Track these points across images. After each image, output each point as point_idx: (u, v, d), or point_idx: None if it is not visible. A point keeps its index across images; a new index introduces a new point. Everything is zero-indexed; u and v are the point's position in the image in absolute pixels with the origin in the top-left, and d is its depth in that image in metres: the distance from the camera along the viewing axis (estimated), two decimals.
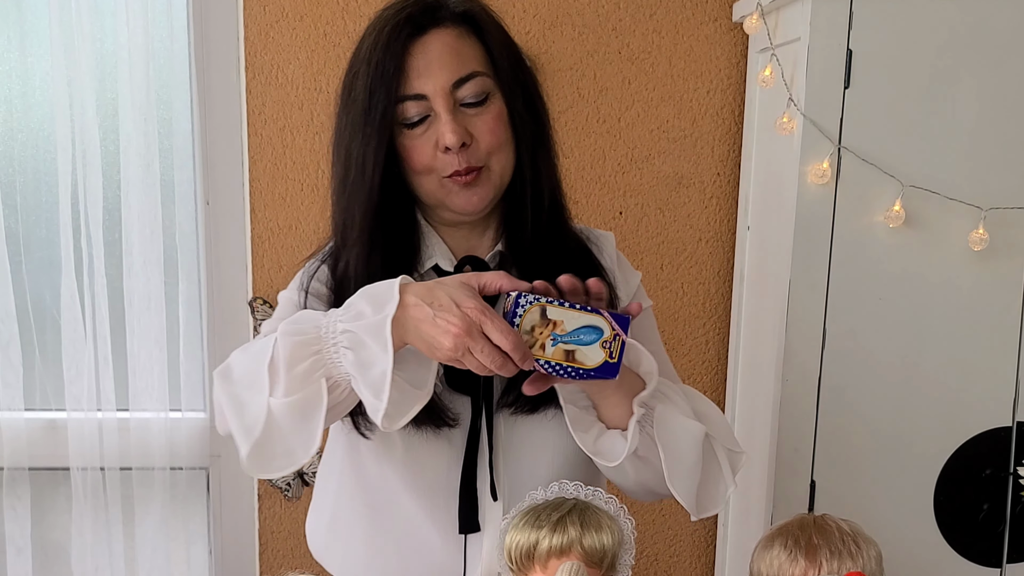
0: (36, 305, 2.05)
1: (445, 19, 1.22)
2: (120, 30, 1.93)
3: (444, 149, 1.20)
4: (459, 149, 1.19)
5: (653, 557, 2.20)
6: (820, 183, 1.65)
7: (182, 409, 2.09)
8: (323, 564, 1.40)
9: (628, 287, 1.37)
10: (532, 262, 1.26)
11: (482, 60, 1.23)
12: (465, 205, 1.23)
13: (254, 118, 2.02)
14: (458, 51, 1.21)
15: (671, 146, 2.08)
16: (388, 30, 1.20)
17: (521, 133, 1.25)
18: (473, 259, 1.29)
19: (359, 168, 1.21)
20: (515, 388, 1.24)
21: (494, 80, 1.23)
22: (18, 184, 2.02)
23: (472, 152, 1.21)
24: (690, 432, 1.21)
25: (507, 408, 1.26)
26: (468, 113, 1.21)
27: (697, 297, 2.14)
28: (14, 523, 2.08)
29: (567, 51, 2.02)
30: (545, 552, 1.16)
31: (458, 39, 1.21)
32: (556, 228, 1.30)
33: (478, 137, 1.21)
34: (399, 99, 1.19)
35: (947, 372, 1.71)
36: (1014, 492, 1.73)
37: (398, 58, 1.19)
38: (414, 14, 1.20)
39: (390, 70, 1.18)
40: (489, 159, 1.23)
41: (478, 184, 1.23)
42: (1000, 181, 1.65)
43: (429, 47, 1.20)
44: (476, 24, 1.23)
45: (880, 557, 1.26)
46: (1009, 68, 1.63)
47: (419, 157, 1.21)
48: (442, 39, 1.20)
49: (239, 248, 2.07)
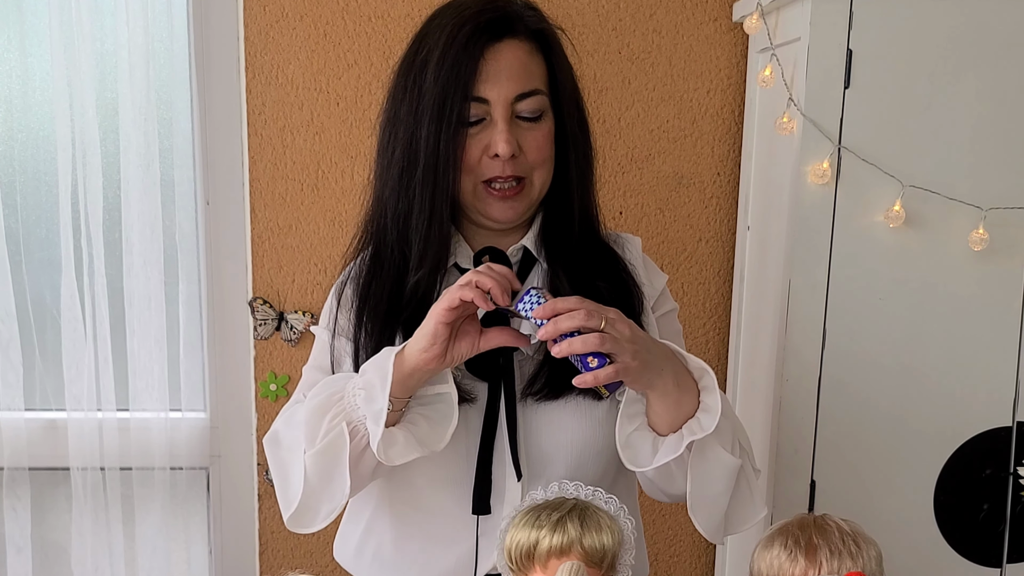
0: (36, 305, 2.05)
1: (520, 32, 1.27)
2: (120, 30, 1.93)
3: (493, 155, 1.25)
4: (508, 159, 1.25)
5: (653, 557, 2.20)
6: (820, 183, 1.65)
7: (182, 409, 2.09)
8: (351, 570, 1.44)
9: (653, 289, 1.41)
10: (570, 269, 1.32)
11: (544, 79, 1.29)
12: (500, 216, 1.29)
13: (254, 118, 2.02)
14: (526, 66, 1.27)
15: (671, 146, 2.08)
16: (468, 29, 1.24)
17: (573, 154, 1.32)
18: (492, 250, 1.33)
19: (430, 158, 1.25)
20: (540, 378, 1.28)
21: (551, 100, 1.29)
22: (18, 184, 2.02)
23: (518, 163, 1.27)
24: (725, 466, 1.25)
25: (531, 396, 1.29)
26: (522, 126, 1.27)
27: (697, 297, 2.14)
28: (14, 523, 2.08)
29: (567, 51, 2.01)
30: (545, 552, 1.16)
31: (528, 54, 1.27)
32: (589, 237, 1.36)
33: (526, 150, 1.27)
34: (467, 99, 1.24)
35: (947, 372, 1.70)
36: (1014, 492, 1.73)
37: (475, 60, 1.23)
38: (494, 20, 1.25)
39: (466, 69, 1.23)
40: (532, 173, 1.29)
41: (518, 198, 1.29)
42: (1000, 181, 1.65)
43: (501, 55, 1.25)
44: (547, 43, 1.30)
45: (880, 557, 1.26)
46: (1009, 68, 1.63)
47: (467, 156, 1.26)
48: (514, 51, 1.26)
49: (239, 248, 2.07)
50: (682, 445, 1.20)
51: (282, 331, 2.08)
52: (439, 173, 1.25)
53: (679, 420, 1.22)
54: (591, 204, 1.37)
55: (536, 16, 1.30)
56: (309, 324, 2.06)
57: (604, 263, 1.35)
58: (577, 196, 1.33)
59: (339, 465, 1.21)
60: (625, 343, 1.14)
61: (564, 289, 1.30)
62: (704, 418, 1.22)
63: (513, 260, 1.34)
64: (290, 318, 2.07)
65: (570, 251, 1.33)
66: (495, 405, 1.28)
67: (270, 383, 2.09)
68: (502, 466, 1.29)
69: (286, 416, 1.31)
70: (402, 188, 1.28)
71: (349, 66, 2.01)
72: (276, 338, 2.08)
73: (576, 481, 1.24)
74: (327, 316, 1.38)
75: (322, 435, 1.20)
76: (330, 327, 1.36)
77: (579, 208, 1.34)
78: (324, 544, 2.16)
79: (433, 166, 1.25)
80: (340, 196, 2.05)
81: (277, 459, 1.28)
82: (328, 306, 1.38)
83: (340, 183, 2.05)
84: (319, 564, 2.16)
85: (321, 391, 1.25)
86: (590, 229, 1.37)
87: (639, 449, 1.24)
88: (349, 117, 2.03)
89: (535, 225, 1.35)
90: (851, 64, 1.63)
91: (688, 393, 1.22)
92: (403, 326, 1.28)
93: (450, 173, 1.25)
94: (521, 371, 1.30)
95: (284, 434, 1.29)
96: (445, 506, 1.30)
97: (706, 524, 1.28)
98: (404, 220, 1.29)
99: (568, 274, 1.31)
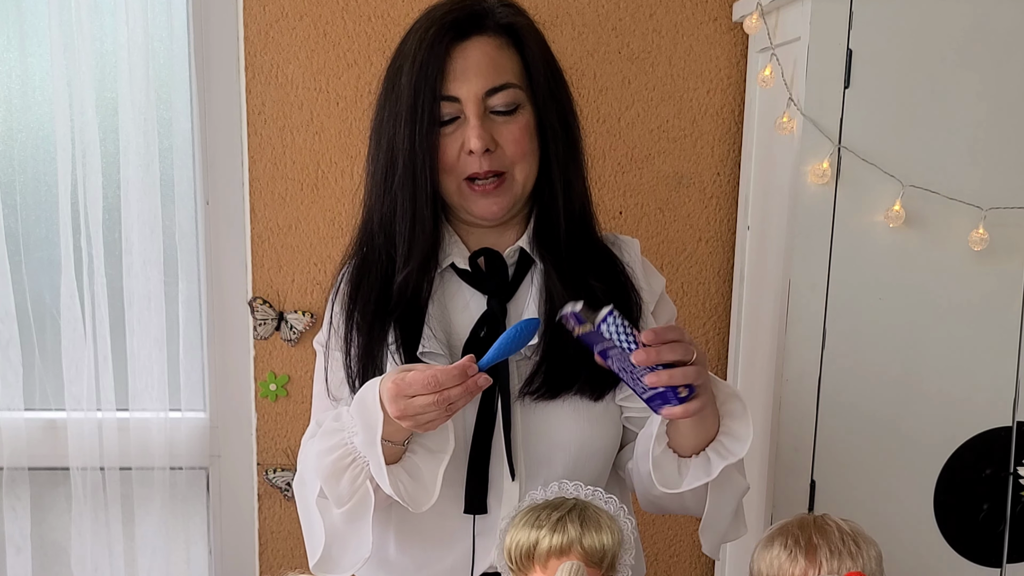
0: (36, 305, 2.05)
1: (488, 28, 1.27)
2: (120, 30, 1.93)
3: (468, 152, 1.25)
4: (483, 154, 1.25)
5: (653, 557, 2.20)
6: (820, 183, 1.65)
7: (182, 409, 2.09)
8: None
9: (652, 293, 1.41)
10: (562, 268, 1.32)
11: (518, 72, 1.28)
12: (484, 212, 1.29)
13: (254, 118, 2.02)
14: (496, 61, 1.26)
15: (671, 146, 2.08)
16: (434, 31, 1.25)
17: (553, 146, 1.31)
18: (488, 251, 1.33)
19: (407, 160, 1.26)
20: (538, 378, 1.29)
21: (527, 93, 1.29)
22: (18, 184, 2.02)
23: (496, 158, 1.27)
24: (738, 489, 1.30)
25: (529, 395, 1.30)
26: (497, 121, 1.27)
27: (697, 297, 2.13)
28: (14, 523, 2.08)
29: (567, 50, 2.02)
30: (545, 552, 1.16)
31: (497, 49, 1.27)
32: (585, 237, 1.35)
33: (503, 145, 1.27)
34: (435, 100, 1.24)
35: (947, 372, 1.70)
36: (1014, 492, 1.73)
37: (440, 59, 1.24)
38: (460, 19, 1.26)
39: (433, 70, 1.24)
40: (513, 167, 1.28)
41: (499, 193, 1.29)
42: (1000, 181, 1.65)
43: (469, 53, 1.25)
44: (518, 37, 1.29)
45: (880, 557, 1.26)
46: (1010, 68, 1.63)
47: (444, 156, 1.26)
48: (482, 47, 1.26)
49: (239, 248, 2.07)
50: (715, 470, 1.23)
51: (282, 331, 2.07)
52: (417, 174, 1.26)
53: (702, 442, 1.25)
54: (581, 200, 1.36)
55: (507, 11, 1.30)
56: (309, 324, 2.07)
57: (600, 263, 1.35)
58: (561, 190, 1.32)
59: (364, 520, 1.23)
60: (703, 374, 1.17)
61: (556, 288, 1.30)
62: (730, 443, 1.24)
63: (510, 262, 1.34)
64: (290, 318, 2.07)
65: (560, 248, 1.33)
66: (491, 404, 1.28)
67: (270, 383, 2.09)
68: (499, 465, 1.29)
69: (305, 454, 1.33)
70: (386, 191, 1.30)
71: (349, 66, 2.01)
72: (276, 338, 2.08)
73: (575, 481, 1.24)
74: (324, 330, 1.39)
75: (346, 496, 1.22)
76: (322, 340, 1.38)
77: (564, 203, 1.33)
78: None
79: (411, 168, 1.26)
80: (340, 196, 2.05)
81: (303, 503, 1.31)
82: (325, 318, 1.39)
83: (340, 183, 2.05)
84: None
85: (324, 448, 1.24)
86: (583, 227, 1.36)
87: (666, 470, 1.25)
88: (349, 117, 2.03)
89: (530, 225, 1.35)
90: (851, 64, 1.63)
91: (713, 417, 1.24)
92: (395, 324, 1.29)
93: (427, 173, 1.26)
94: (518, 371, 1.30)
95: (308, 478, 1.30)
96: (442, 505, 1.30)
97: (712, 543, 1.33)
98: (389, 223, 1.31)
99: (559, 272, 1.31)
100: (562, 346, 1.27)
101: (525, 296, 1.33)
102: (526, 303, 1.33)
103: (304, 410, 2.11)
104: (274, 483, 2.12)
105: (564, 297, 1.28)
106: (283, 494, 2.13)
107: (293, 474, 2.11)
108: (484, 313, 1.31)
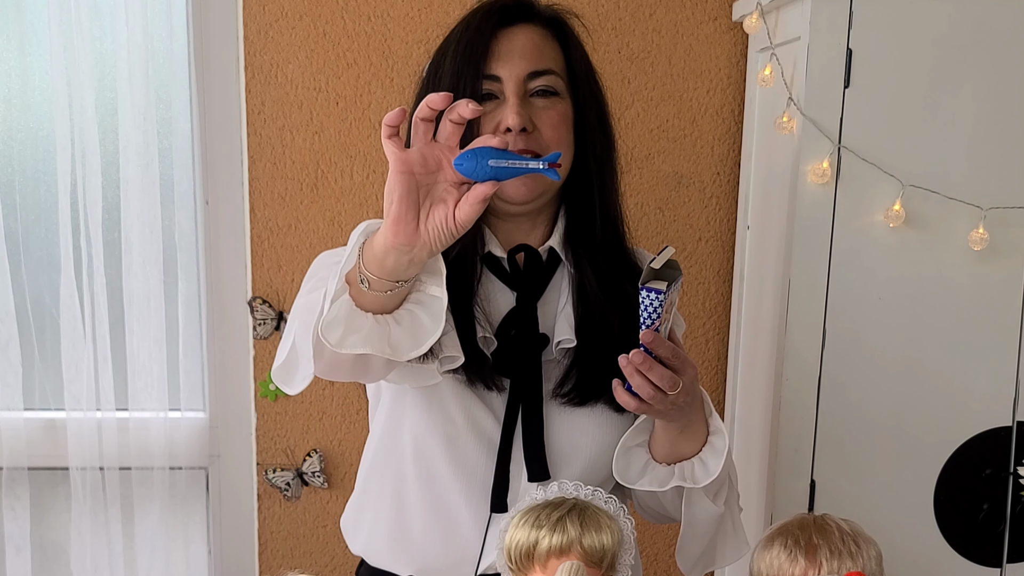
0: (35, 305, 2.05)
1: (534, 17, 1.30)
2: (119, 30, 1.93)
3: (505, 130, 1.24)
4: (519, 132, 1.24)
5: (653, 557, 2.20)
6: (820, 183, 1.65)
7: (181, 409, 2.09)
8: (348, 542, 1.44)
9: None
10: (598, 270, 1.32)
11: (560, 63, 1.30)
12: (514, 193, 1.27)
13: (253, 118, 2.02)
14: (540, 47, 1.28)
15: (671, 146, 2.08)
16: (481, 15, 1.27)
17: (591, 144, 1.32)
18: (526, 247, 1.33)
19: None
20: (570, 381, 1.30)
21: (567, 85, 1.30)
22: (17, 184, 2.02)
23: (532, 139, 1.26)
24: (709, 514, 1.31)
25: (559, 399, 1.30)
26: (536, 104, 1.27)
27: (697, 297, 2.13)
28: (13, 523, 2.08)
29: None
30: (545, 552, 1.16)
31: (542, 38, 1.29)
32: (617, 242, 1.36)
33: (540, 127, 1.26)
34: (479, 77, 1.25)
35: (947, 372, 1.70)
36: (1014, 492, 1.73)
37: (485, 40, 1.25)
38: (508, 6, 1.28)
39: (478, 49, 1.25)
40: (547, 151, 1.27)
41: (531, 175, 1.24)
42: (1000, 181, 1.65)
43: (514, 37, 1.27)
44: (562, 31, 1.31)
45: (880, 557, 1.26)
46: (1009, 68, 1.63)
47: (481, 133, 1.24)
48: (527, 33, 1.28)
49: (239, 248, 2.07)
50: (667, 485, 1.27)
51: (281, 331, 2.07)
52: None
53: (674, 456, 1.28)
54: (614, 205, 1.36)
55: (552, 8, 1.33)
56: None
57: (631, 270, 1.35)
58: (597, 188, 1.33)
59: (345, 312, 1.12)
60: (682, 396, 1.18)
61: (592, 289, 1.30)
62: (696, 470, 1.27)
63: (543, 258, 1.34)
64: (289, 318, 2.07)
65: (595, 250, 1.32)
66: (516, 404, 1.29)
67: (269, 383, 2.09)
68: (516, 465, 1.30)
69: None
70: None
71: (348, 65, 2.01)
72: (275, 338, 2.08)
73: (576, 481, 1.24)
74: None
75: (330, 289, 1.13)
76: None
77: (600, 203, 1.33)
78: (324, 544, 2.16)
79: None
80: (340, 196, 2.05)
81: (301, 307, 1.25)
82: None
83: (340, 183, 2.05)
84: (319, 564, 2.16)
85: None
86: (615, 231, 1.36)
87: (631, 464, 1.29)
88: (349, 116, 2.03)
89: (559, 224, 1.34)
90: (851, 64, 1.63)
91: (691, 441, 1.27)
92: None
93: None
94: (547, 372, 1.31)
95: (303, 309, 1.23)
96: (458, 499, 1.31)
97: (684, 564, 1.39)
98: None
99: (596, 275, 1.31)
100: (594, 353, 1.28)
101: (555, 296, 1.33)
102: (558, 304, 1.32)
103: (304, 410, 2.11)
104: (274, 483, 2.12)
105: (600, 300, 1.29)
106: (283, 494, 2.13)
107: (293, 474, 2.12)
108: (512, 310, 1.31)
